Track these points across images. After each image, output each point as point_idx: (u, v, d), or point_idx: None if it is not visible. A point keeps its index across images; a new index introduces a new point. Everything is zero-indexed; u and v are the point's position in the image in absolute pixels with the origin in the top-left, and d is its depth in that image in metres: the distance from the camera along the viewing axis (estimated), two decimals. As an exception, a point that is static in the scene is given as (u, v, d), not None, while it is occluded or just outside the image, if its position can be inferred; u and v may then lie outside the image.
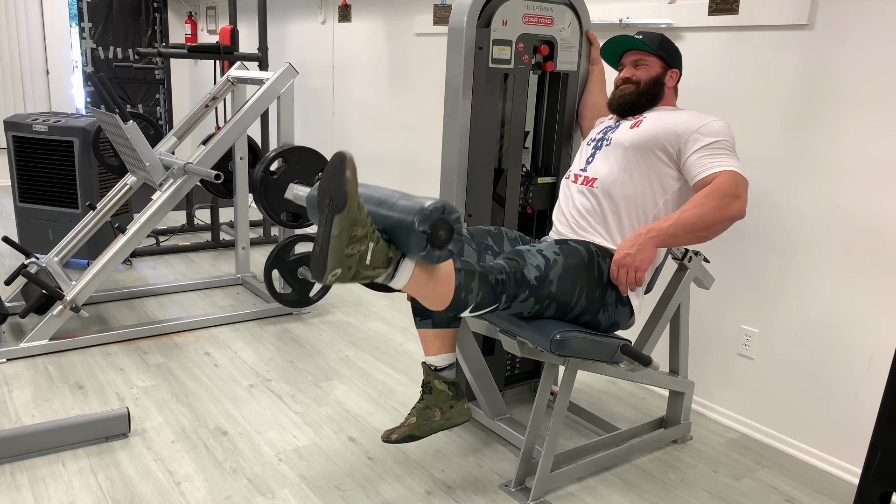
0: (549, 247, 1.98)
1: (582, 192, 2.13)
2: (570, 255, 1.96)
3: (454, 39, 2.17)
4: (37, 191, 3.85)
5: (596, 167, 2.12)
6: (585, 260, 1.97)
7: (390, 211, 1.62)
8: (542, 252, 1.93)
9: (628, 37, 2.16)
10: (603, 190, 2.08)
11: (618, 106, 2.18)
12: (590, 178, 2.12)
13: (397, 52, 4.19)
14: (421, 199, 1.60)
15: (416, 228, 1.56)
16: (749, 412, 2.56)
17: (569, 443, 2.41)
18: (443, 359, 2.08)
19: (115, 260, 3.00)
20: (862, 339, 2.23)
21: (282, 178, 3.17)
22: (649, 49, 2.14)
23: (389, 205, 1.63)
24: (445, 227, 1.60)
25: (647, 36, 2.16)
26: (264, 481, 2.13)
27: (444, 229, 1.60)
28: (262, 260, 4.37)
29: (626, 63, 2.20)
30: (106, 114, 3.05)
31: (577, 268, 1.95)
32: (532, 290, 1.85)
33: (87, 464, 2.17)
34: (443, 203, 1.59)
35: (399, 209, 1.61)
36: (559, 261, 1.92)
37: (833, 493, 2.22)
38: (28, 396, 2.56)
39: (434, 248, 1.60)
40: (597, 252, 2.01)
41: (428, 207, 1.57)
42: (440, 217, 1.59)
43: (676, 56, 2.19)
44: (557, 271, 1.90)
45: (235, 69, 3.69)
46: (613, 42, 2.20)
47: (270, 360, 2.98)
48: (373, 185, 1.74)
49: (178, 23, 6.88)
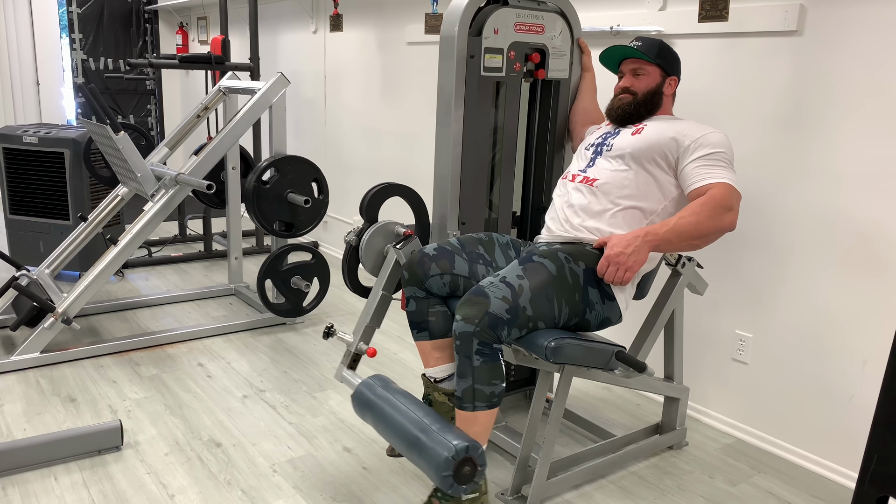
0: (513, 271, 1.91)
1: (579, 189, 2.12)
2: (534, 273, 1.90)
3: (446, 48, 2.17)
4: (27, 202, 3.84)
5: (597, 170, 2.12)
6: (554, 272, 1.92)
7: (417, 458, 1.80)
8: (505, 280, 1.87)
9: (626, 46, 2.17)
10: (603, 189, 2.07)
11: (616, 116, 2.18)
12: (590, 178, 2.12)
13: (389, 61, 4.20)
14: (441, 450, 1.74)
15: (441, 475, 1.73)
16: (744, 417, 2.57)
17: (565, 450, 2.41)
18: (442, 370, 2.08)
19: (106, 271, 2.98)
20: (856, 343, 2.23)
21: (274, 187, 3.16)
22: (647, 58, 2.14)
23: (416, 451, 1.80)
24: (470, 463, 1.77)
25: (645, 44, 2.15)
26: (259, 493, 2.11)
27: (468, 465, 1.76)
28: (255, 270, 4.36)
29: (626, 71, 2.20)
30: (97, 125, 3.04)
31: (546, 285, 1.90)
32: (510, 324, 1.83)
33: (80, 477, 2.15)
34: (466, 444, 1.76)
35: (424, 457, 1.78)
36: (524, 285, 1.86)
37: (829, 498, 2.22)
38: (19, 410, 2.54)
39: (460, 486, 1.76)
40: (566, 258, 1.96)
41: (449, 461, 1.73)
42: (464, 458, 1.75)
43: (675, 63, 2.19)
44: (526, 296, 1.85)
45: (227, 79, 3.69)
46: (612, 51, 2.20)
47: (264, 371, 2.96)
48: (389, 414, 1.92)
49: (169, 33, 6.88)
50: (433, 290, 2.03)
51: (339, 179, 4.83)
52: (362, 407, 1.99)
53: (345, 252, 2.24)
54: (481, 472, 1.78)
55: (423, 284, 2.03)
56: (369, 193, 2.22)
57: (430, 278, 2.01)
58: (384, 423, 1.90)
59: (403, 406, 1.89)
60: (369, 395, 1.98)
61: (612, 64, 2.26)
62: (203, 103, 3.64)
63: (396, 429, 1.85)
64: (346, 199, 4.78)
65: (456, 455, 1.71)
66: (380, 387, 1.99)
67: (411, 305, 2.07)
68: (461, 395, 1.86)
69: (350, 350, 2.20)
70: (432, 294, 2.05)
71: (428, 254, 2.03)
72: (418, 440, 1.78)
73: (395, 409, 1.89)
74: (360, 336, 2.19)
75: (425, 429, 1.79)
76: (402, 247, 2.15)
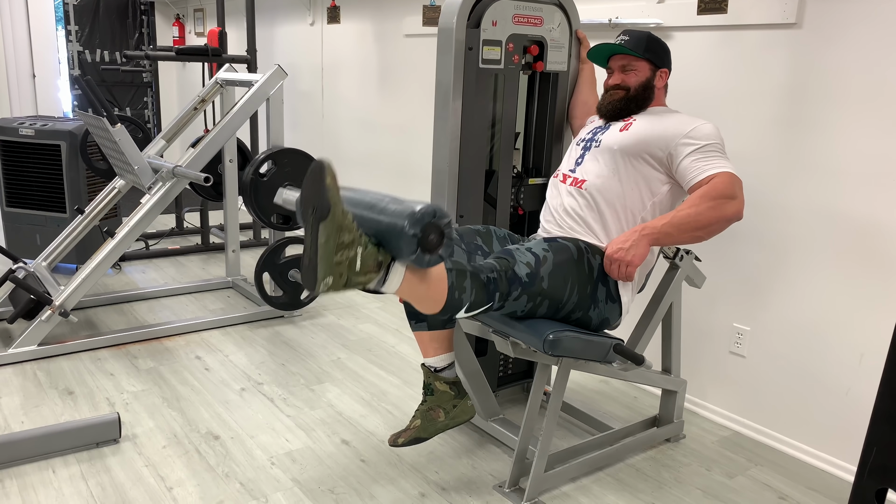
0: (538, 244, 1.98)
1: (570, 194, 2.13)
2: (559, 251, 1.96)
3: (444, 40, 2.16)
4: (24, 195, 3.82)
5: (585, 168, 2.13)
6: (575, 256, 1.97)
7: (380, 215, 1.61)
8: (531, 250, 1.93)
9: (612, 44, 2.15)
10: (591, 192, 2.08)
11: (607, 111, 2.18)
12: (578, 179, 2.12)
13: (387, 54, 4.18)
14: (411, 203, 1.59)
15: (407, 232, 1.55)
16: (741, 410, 2.57)
17: (562, 443, 2.41)
18: (441, 359, 2.08)
19: (104, 264, 2.98)
20: (853, 336, 2.24)
21: (271, 180, 3.15)
22: (636, 54, 2.13)
23: (379, 209, 1.62)
24: (436, 230, 1.59)
25: (632, 38, 2.14)
26: (257, 485, 2.12)
27: (434, 233, 1.59)
28: (252, 263, 4.35)
29: (615, 67, 2.19)
30: (94, 117, 3.03)
31: (567, 264, 1.95)
32: (524, 288, 1.84)
33: (78, 470, 2.15)
34: (433, 207, 1.58)
35: (389, 213, 1.60)
36: (549, 257, 1.92)
37: (825, 490, 2.23)
38: (17, 403, 2.54)
39: (424, 253, 1.59)
40: (586, 248, 2.01)
41: (418, 211, 1.56)
42: (431, 221, 1.57)
43: (665, 55, 2.18)
44: (548, 268, 1.90)
45: (224, 71, 3.67)
46: (599, 49, 2.19)
47: (262, 364, 2.96)
48: (362, 190, 1.73)
49: (165, 25, 6.85)
50: (431, 281, 2.02)
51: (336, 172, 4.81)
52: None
53: None
54: (447, 245, 1.63)
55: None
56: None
57: (428, 269, 2.00)
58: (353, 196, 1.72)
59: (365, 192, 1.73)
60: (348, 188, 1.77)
61: (601, 60, 2.25)
62: (200, 96, 3.62)
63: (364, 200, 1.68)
64: (344, 191, 4.76)
65: (422, 216, 1.55)
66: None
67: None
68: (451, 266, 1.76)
69: None
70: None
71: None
72: (382, 202, 1.63)
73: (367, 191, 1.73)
74: None
75: (381, 198, 1.65)
76: None
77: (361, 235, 1.57)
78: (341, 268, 1.54)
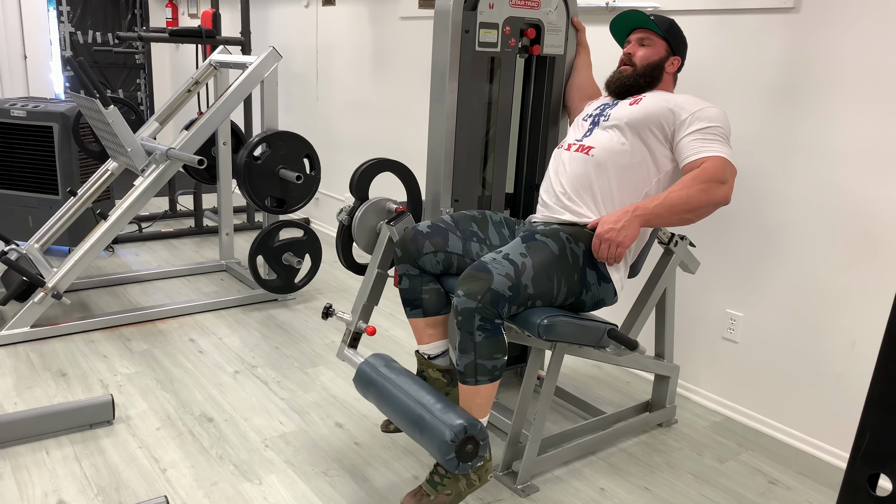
0: (516, 248, 1.90)
1: (575, 159, 2.10)
2: (537, 251, 1.90)
3: (440, 22, 2.15)
4: (16, 177, 3.79)
5: (594, 139, 2.11)
6: (556, 252, 1.92)
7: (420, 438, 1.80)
8: (508, 257, 1.86)
9: (639, 12, 2.16)
10: (598, 158, 2.06)
11: (615, 87, 2.18)
12: (586, 146, 2.11)
13: (382, 36, 4.15)
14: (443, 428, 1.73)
15: (444, 458, 1.73)
16: (733, 395, 2.59)
17: (555, 427, 2.42)
18: (435, 346, 2.08)
19: (97, 246, 2.96)
20: (845, 322, 2.25)
21: (266, 163, 3.14)
22: (657, 30, 2.14)
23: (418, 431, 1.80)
24: (472, 441, 1.75)
25: (658, 17, 2.17)
26: (251, 467, 2.12)
27: (471, 444, 1.75)
28: (246, 246, 4.34)
29: (632, 40, 2.21)
30: (86, 98, 3.00)
31: (548, 263, 1.90)
32: (511, 301, 1.82)
33: (72, 451, 2.15)
34: (464, 424, 1.73)
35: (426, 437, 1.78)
36: (528, 263, 1.86)
37: (815, 475, 2.25)
38: (10, 384, 2.53)
39: (465, 463, 1.76)
40: (567, 239, 1.96)
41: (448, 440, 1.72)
42: (465, 437, 1.73)
43: (682, 44, 2.20)
44: (529, 274, 1.85)
45: (218, 53, 3.64)
46: (623, 17, 2.19)
47: (256, 347, 2.96)
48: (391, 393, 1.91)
49: (158, 6, 6.78)
50: (426, 267, 2.02)
51: (330, 155, 4.80)
52: (365, 386, 1.99)
53: (338, 231, 2.22)
54: (484, 446, 1.78)
55: (417, 262, 2.02)
56: (360, 169, 2.20)
57: (423, 256, 2.00)
58: (387, 401, 1.90)
59: (406, 385, 1.89)
60: (371, 374, 1.98)
61: (621, 34, 2.25)
62: (194, 78, 3.59)
63: (399, 408, 1.85)
64: (337, 175, 4.76)
65: (455, 437, 1.71)
66: (382, 366, 1.99)
67: (404, 283, 2.07)
68: (463, 370, 1.84)
69: (350, 329, 2.20)
70: (426, 272, 2.04)
71: (421, 231, 2.02)
72: (421, 420, 1.78)
73: (397, 388, 1.89)
74: (359, 315, 2.19)
75: (428, 408, 1.79)
76: (394, 223, 2.14)
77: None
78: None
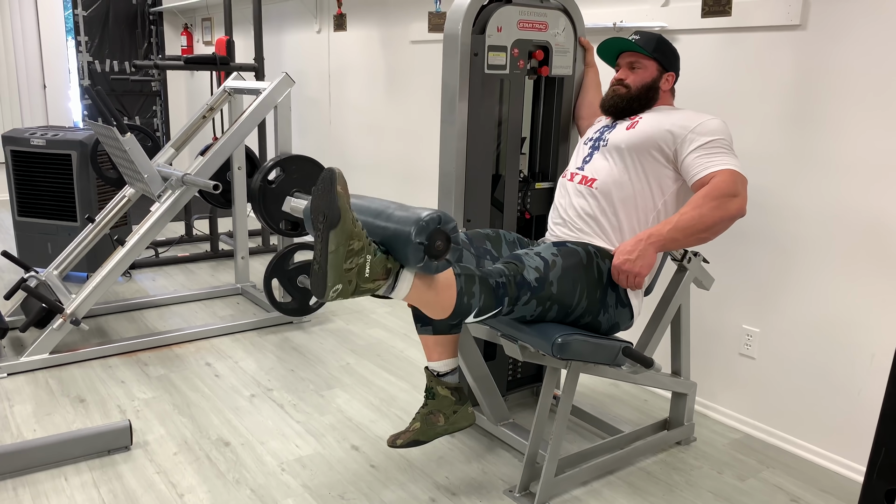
0: (547, 249, 1.97)
1: (580, 193, 2.13)
2: (568, 256, 1.96)
3: (450, 46, 2.17)
4: (35, 204, 3.85)
5: (594, 167, 2.12)
6: (584, 261, 1.97)
7: (387, 222, 1.63)
8: (540, 254, 1.93)
9: (623, 39, 2.17)
10: (602, 191, 2.07)
11: (609, 108, 2.18)
12: (588, 177, 2.12)
13: (393, 60, 4.20)
14: (417, 210, 1.61)
15: (413, 240, 1.57)
16: (752, 412, 2.56)
17: (572, 446, 2.41)
18: (445, 364, 2.08)
19: (114, 272, 3.00)
20: (864, 336, 2.23)
21: (280, 187, 3.17)
22: (645, 52, 2.14)
23: (386, 216, 1.64)
24: (442, 237, 1.61)
25: (643, 38, 2.15)
26: (268, 491, 2.12)
27: (441, 239, 1.61)
28: (261, 269, 4.37)
29: (622, 64, 2.20)
30: (103, 126, 3.05)
31: (576, 268, 1.94)
32: (533, 292, 1.84)
33: (90, 477, 2.17)
34: (439, 213, 1.60)
35: (395, 220, 1.61)
36: (558, 262, 1.92)
37: (838, 492, 2.21)
38: (29, 411, 2.56)
39: (432, 259, 1.61)
40: (595, 253, 2.01)
41: (424, 218, 1.57)
42: (437, 227, 1.60)
43: (673, 59, 2.19)
44: (557, 272, 1.90)
45: (232, 79, 3.70)
46: (609, 43, 2.20)
47: (272, 370, 2.97)
48: (368, 197, 1.75)
49: (173, 35, 6.89)
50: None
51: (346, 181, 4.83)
52: None
53: None
54: (455, 249, 1.65)
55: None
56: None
57: (437, 272, 2.00)
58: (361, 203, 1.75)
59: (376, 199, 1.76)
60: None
61: (610, 57, 2.25)
62: (208, 104, 3.65)
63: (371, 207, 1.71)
64: (352, 198, 4.78)
65: (429, 223, 1.57)
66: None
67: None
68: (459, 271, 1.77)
69: None
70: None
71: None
72: (389, 210, 1.65)
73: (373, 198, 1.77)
74: None
75: (387, 205, 1.68)
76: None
77: (371, 243, 1.58)
78: (350, 275, 1.55)
